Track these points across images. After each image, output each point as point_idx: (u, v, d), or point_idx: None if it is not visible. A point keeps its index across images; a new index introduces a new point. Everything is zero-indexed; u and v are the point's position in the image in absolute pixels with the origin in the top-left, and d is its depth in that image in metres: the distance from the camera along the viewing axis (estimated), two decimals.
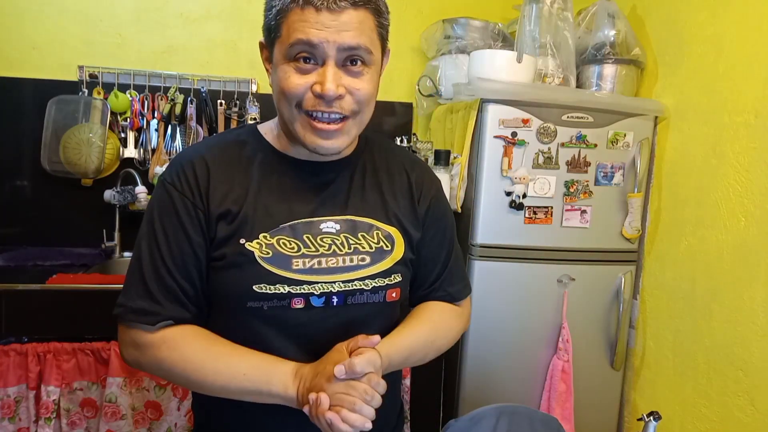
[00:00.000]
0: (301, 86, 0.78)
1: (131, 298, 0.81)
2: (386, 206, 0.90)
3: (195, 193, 0.82)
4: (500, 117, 1.70)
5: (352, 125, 0.82)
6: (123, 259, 2.21)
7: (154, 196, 0.86)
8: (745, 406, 1.48)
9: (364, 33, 0.77)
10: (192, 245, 0.82)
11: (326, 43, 0.75)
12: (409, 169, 0.96)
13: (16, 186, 2.16)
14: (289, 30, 0.76)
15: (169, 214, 0.82)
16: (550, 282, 1.79)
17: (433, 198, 0.96)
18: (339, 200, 0.88)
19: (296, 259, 0.82)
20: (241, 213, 0.82)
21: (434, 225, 0.96)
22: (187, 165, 0.83)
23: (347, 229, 0.86)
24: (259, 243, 0.81)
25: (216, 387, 0.79)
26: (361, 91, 0.79)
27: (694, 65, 1.70)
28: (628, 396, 1.94)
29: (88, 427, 1.71)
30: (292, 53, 0.77)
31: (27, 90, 2.13)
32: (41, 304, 1.68)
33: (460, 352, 1.79)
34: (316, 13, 0.74)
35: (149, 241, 0.82)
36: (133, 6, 2.19)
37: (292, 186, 0.86)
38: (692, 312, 1.67)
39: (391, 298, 0.89)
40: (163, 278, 0.81)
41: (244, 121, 2.26)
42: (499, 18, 2.19)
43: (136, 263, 0.82)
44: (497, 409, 1.05)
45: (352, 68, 0.78)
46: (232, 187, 0.83)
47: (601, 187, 1.78)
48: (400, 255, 0.89)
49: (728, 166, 1.56)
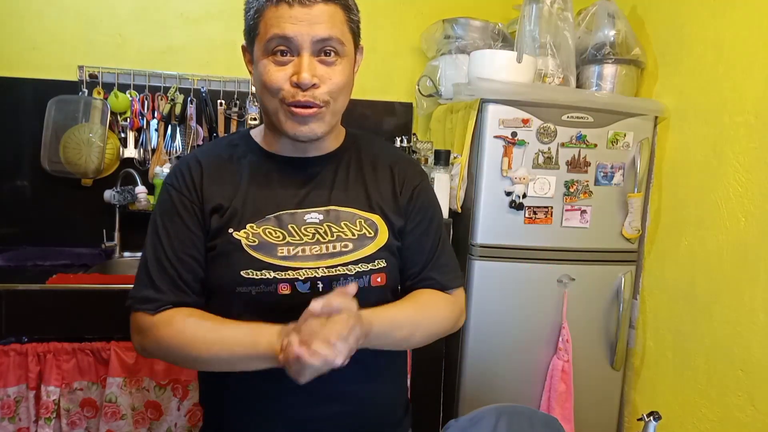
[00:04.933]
0: (279, 78, 0.83)
1: (139, 289, 0.89)
2: (369, 196, 0.95)
3: (191, 191, 0.90)
4: (500, 117, 1.70)
5: (326, 112, 0.87)
6: (123, 259, 2.21)
7: (158, 197, 0.95)
8: (745, 406, 1.48)
9: (335, 25, 0.83)
10: (191, 237, 0.89)
11: (300, 35, 0.81)
12: (392, 163, 1.00)
13: (16, 186, 2.16)
14: (266, 26, 0.83)
15: (169, 211, 0.90)
16: (550, 282, 1.79)
17: (416, 189, 0.99)
18: (323, 192, 0.93)
19: (281, 246, 0.88)
20: (231, 207, 0.89)
21: (418, 215, 0.99)
22: (184, 167, 0.93)
23: (330, 219, 0.91)
24: (246, 232, 0.88)
25: (211, 358, 0.83)
26: (333, 80, 0.85)
27: (694, 65, 1.70)
28: (628, 396, 1.94)
29: (88, 427, 1.71)
30: (270, 47, 0.83)
31: (27, 90, 2.12)
32: (41, 304, 1.68)
33: (460, 352, 1.79)
34: (289, 9, 0.80)
35: (153, 238, 0.90)
36: (133, 6, 2.19)
37: (278, 181, 0.93)
38: (692, 312, 1.67)
39: (377, 283, 0.92)
40: (165, 268, 0.88)
41: (244, 121, 2.26)
42: (499, 18, 2.19)
43: (143, 259, 0.91)
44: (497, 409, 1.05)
45: (326, 59, 0.84)
46: (223, 184, 0.91)
47: (601, 187, 1.78)
48: (384, 241, 0.93)
49: (728, 166, 1.56)
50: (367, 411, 0.95)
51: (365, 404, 0.94)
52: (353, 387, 0.92)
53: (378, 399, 0.97)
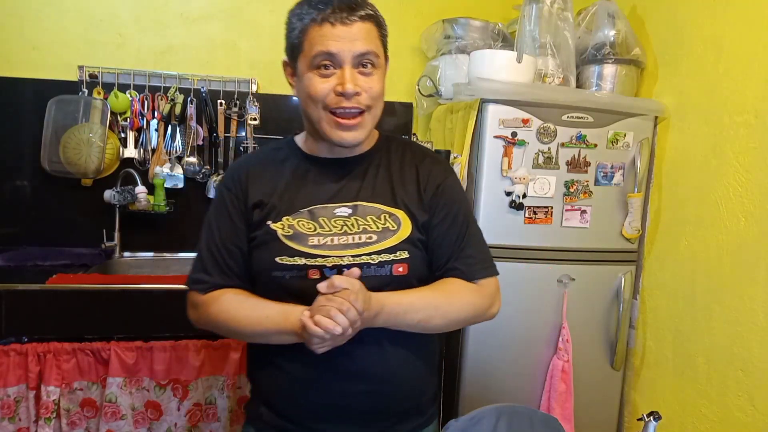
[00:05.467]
0: (324, 88, 0.95)
1: (194, 272, 1.05)
2: (394, 193, 1.05)
3: (238, 189, 1.05)
4: (500, 117, 1.70)
5: (368, 118, 1.00)
6: (123, 259, 2.21)
7: (214, 195, 1.15)
8: (745, 406, 1.48)
9: (371, 41, 0.96)
10: (235, 230, 1.03)
11: (342, 51, 0.93)
12: (418, 162, 1.09)
13: (16, 186, 2.17)
14: (310, 44, 0.94)
15: (220, 208, 1.06)
16: (550, 282, 1.79)
17: (441, 185, 1.07)
18: (352, 189, 1.04)
19: (312, 237, 1.00)
20: (270, 202, 1.03)
21: (443, 210, 1.06)
22: (233, 170, 1.09)
23: (357, 213, 1.02)
24: (282, 224, 1.00)
25: (248, 331, 0.99)
26: (373, 88, 0.98)
27: (694, 65, 1.70)
28: (628, 396, 1.94)
29: (88, 427, 1.72)
30: (315, 62, 0.95)
31: (27, 90, 2.13)
32: (41, 304, 1.68)
33: (460, 352, 1.79)
34: (332, 28, 0.93)
35: (206, 230, 1.06)
36: (133, 6, 2.19)
37: (314, 178, 1.05)
38: (692, 312, 1.67)
39: (398, 272, 1.00)
40: (214, 256, 1.03)
41: (245, 121, 2.27)
42: (499, 18, 2.19)
43: (198, 247, 1.07)
44: (497, 409, 1.05)
45: (364, 70, 0.97)
46: (264, 183, 1.05)
47: (601, 187, 1.78)
48: (407, 234, 1.01)
49: (728, 166, 1.56)
50: (389, 392, 1.03)
51: (386, 385, 1.02)
52: (375, 368, 1.01)
53: (399, 382, 1.03)
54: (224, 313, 1.00)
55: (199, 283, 1.04)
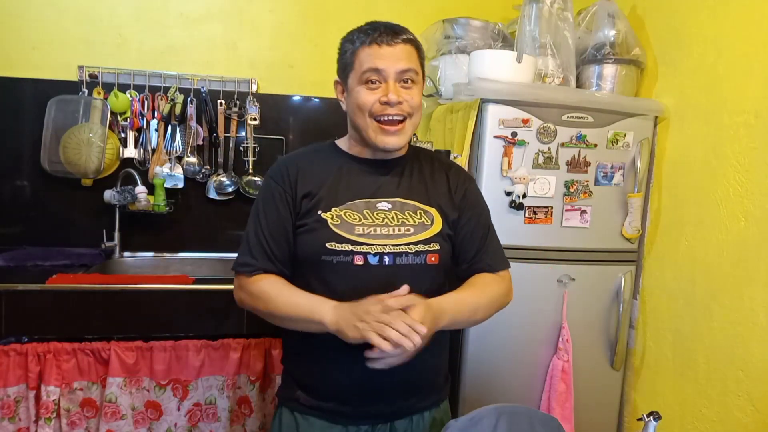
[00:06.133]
0: (372, 99, 1.11)
1: (241, 256, 1.16)
2: (428, 193, 1.20)
3: (286, 182, 1.16)
4: (500, 117, 1.70)
5: (408, 125, 1.14)
6: (123, 259, 2.21)
7: (261, 186, 1.24)
8: (745, 406, 1.48)
9: (412, 60, 1.12)
10: (281, 219, 1.14)
11: (388, 68, 1.09)
12: (447, 169, 1.26)
13: (16, 186, 2.17)
14: (360, 62, 1.10)
15: (267, 198, 1.17)
16: (550, 282, 1.79)
17: (467, 189, 1.25)
18: (392, 187, 1.18)
19: (358, 226, 1.13)
20: (319, 194, 1.15)
21: (470, 210, 1.23)
22: (282, 164, 1.19)
23: (397, 208, 1.16)
24: (331, 214, 1.13)
25: (282, 315, 1.09)
26: (413, 99, 1.12)
27: (694, 65, 1.70)
28: (628, 396, 1.94)
29: (88, 427, 1.72)
30: (364, 78, 1.10)
31: (27, 90, 2.13)
32: (41, 304, 1.68)
33: (460, 352, 1.79)
34: (379, 48, 1.09)
35: (254, 217, 1.17)
36: (133, 6, 2.19)
37: (358, 175, 1.18)
38: (692, 312, 1.67)
39: (431, 261, 1.16)
40: (261, 242, 1.14)
41: (245, 121, 2.27)
42: (499, 18, 2.18)
43: (246, 232, 1.17)
44: (497, 409, 1.05)
45: (405, 84, 1.12)
46: (313, 177, 1.17)
47: (601, 187, 1.78)
48: (438, 229, 1.17)
49: (728, 166, 1.56)
50: (413, 374, 1.13)
51: (411, 368, 1.09)
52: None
53: (422, 364, 1.12)
54: (263, 295, 1.11)
55: (245, 266, 1.14)
